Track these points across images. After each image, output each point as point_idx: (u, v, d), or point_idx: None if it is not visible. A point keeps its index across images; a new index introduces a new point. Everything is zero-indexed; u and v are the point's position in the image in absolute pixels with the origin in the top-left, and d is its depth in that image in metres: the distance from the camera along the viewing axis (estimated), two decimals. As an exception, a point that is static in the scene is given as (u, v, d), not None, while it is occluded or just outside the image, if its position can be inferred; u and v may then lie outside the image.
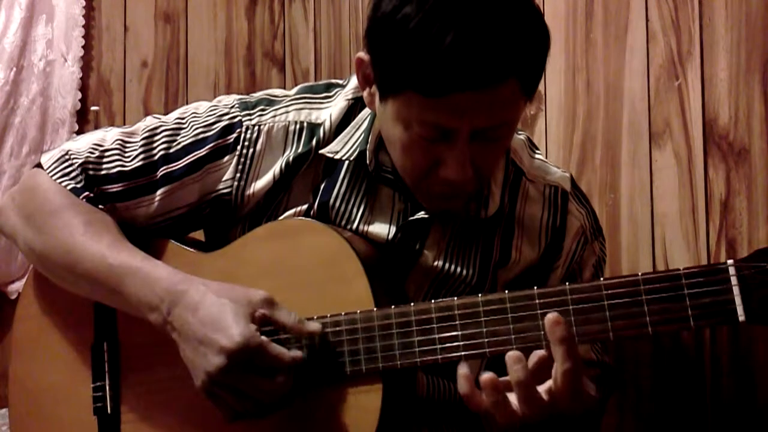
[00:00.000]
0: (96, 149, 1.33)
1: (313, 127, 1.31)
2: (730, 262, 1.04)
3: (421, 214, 1.27)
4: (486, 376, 1.06)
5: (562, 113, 1.74)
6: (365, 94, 1.24)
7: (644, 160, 1.56)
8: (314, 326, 1.17)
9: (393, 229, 1.28)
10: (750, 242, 1.38)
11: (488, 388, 1.06)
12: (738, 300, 1.03)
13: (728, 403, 1.42)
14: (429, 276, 1.29)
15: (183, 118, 1.34)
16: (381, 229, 1.28)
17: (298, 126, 1.31)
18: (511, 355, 1.06)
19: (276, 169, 1.30)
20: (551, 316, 1.06)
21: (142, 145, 1.33)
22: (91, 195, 1.31)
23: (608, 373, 1.37)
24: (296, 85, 1.42)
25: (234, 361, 1.11)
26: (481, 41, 1.07)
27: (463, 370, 1.09)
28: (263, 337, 1.13)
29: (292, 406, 1.17)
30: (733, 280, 1.03)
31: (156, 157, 1.32)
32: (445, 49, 1.07)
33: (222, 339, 1.12)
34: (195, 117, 1.33)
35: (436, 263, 1.28)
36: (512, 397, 1.07)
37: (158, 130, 1.33)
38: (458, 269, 1.29)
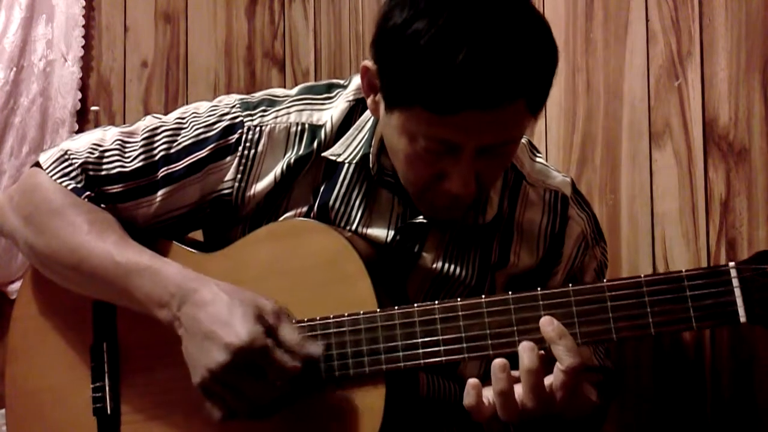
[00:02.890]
0: (96, 149, 1.33)
1: (315, 129, 1.31)
2: (731, 264, 1.05)
3: (420, 218, 1.27)
4: (499, 360, 1.08)
5: (562, 113, 1.73)
6: (369, 101, 1.23)
7: (644, 160, 1.55)
8: (315, 349, 1.15)
9: (391, 233, 1.28)
10: (750, 242, 1.37)
11: (500, 371, 1.07)
12: (739, 302, 1.04)
13: (728, 403, 1.42)
14: (428, 278, 1.29)
15: (183, 118, 1.34)
16: (379, 232, 1.28)
17: (299, 128, 1.31)
18: (525, 345, 1.08)
19: (277, 170, 1.30)
20: (543, 319, 1.09)
21: (142, 146, 1.32)
22: (92, 195, 1.31)
23: (610, 378, 1.38)
24: (296, 84, 1.42)
25: (237, 358, 1.11)
26: (493, 61, 1.07)
27: (472, 379, 1.10)
28: (269, 340, 1.12)
29: (287, 408, 1.16)
30: (735, 282, 1.05)
31: (156, 158, 1.32)
32: (456, 67, 1.06)
33: (228, 335, 1.11)
34: (195, 117, 1.33)
35: (434, 266, 1.28)
36: (516, 390, 1.08)
37: (158, 130, 1.33)
38: (457, 271, 1.29)
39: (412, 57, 1.09)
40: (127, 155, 1.32)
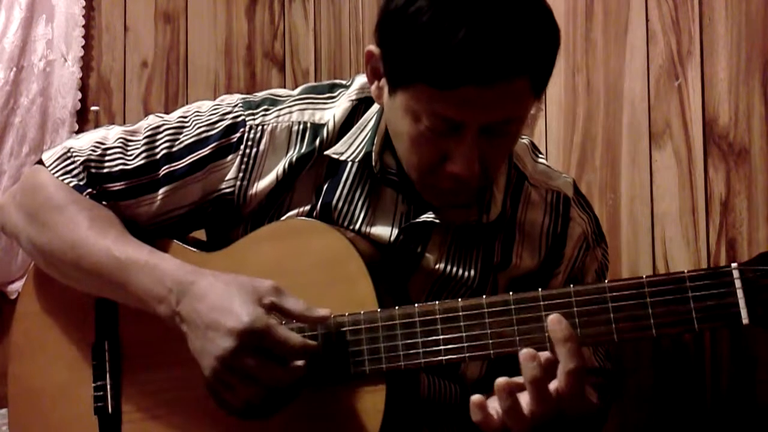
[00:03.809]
0: (98, 147, 1.33)
1: (317, 128, 1.31)
2: (734, 265, 1.04)
3: (424, 217, 1.27)
4: (500, 380, 1.07)
5: (562, 113, 1.74)
6: (373, 87, 1.24)
7: (644, 160, 1.56)
8: (323, 312, 1.15)
9: (395, 232, 1.28)
10: (750, 242, 1.38)
11: (504, 392, 1.06)
12: (742, 303, 1.03)
13: (728, 403, 1.42)
14: (431, 278, 1.29)
15: (186, 117, 1.34)
16: (383, 231, 1.28)
17: (301, 126, 1.31)
18: (525, 354, 1.06)
19: (279, 169, 1.30)
20: (553, 316, 1.07)
21: (144, 144, 1.33)
22: (94, 192, 1.31)
23: (610, 380, 1.37)
24: (296, 84, 1.42)
25: (243, 341, 1.10)
26: (494, 37, 1.08)
27: (475, 397, 1.09)
28: (271, 319, 1.12)
29: (287, 409, 1.15)
30: (737, 283, 1.04)
31: (158, 156, 1.32)
32: (458, 43, 1.08)
33: (229, 321, 1.10)
34: (198, 115, 1.33)
35: (437, 266, 1.28)
36: (523, 400, 1.07)
37: (161, 129, 1.33)
38: (460, 272, 1.29)
39: (413, 35, 1.11)
40: (129, 153, 1.33)
